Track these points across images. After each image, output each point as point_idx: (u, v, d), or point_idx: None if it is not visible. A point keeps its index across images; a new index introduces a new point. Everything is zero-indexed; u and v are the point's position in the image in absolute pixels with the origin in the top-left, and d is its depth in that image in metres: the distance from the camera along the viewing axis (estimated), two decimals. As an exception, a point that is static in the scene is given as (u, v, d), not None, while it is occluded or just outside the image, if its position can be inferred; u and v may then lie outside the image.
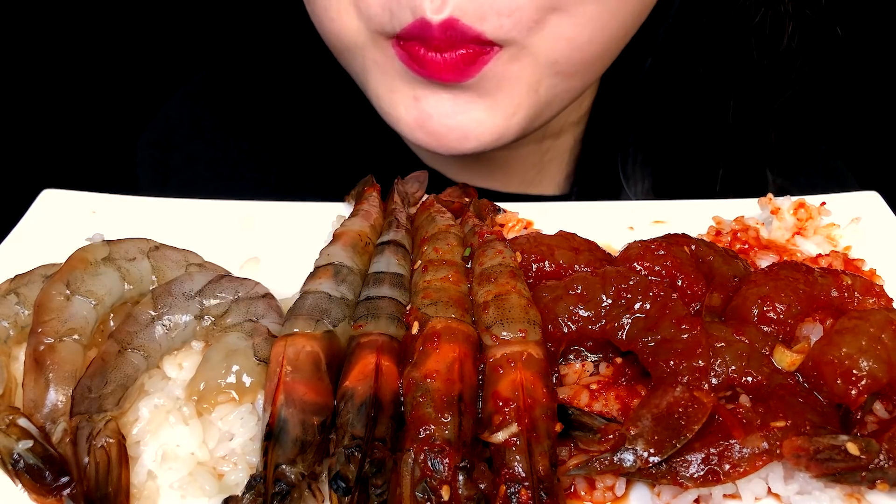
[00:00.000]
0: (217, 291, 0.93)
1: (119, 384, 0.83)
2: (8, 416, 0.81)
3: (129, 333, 0.88)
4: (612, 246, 1.04)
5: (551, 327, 0.87)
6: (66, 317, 0.88)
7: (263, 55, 1.59)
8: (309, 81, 1.58)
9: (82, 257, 0.93)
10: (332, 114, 1.57)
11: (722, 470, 0.75)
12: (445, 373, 0.78)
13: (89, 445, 0.78)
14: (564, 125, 1.38)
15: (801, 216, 1.07)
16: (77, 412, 0.80)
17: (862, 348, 0.81)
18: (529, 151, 1.40)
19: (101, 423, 0.80)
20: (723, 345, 0.83)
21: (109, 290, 0.92)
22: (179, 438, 0.82)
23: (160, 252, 0.97)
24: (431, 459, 0.72)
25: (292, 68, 1.58)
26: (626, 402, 0.85)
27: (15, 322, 0.91)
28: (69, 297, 0.89)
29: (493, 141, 1.12)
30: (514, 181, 1.43)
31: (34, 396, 0.82)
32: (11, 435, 0.79)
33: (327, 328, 0.85)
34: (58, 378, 0.83)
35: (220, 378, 0.84)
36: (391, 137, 1.47)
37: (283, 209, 1.13)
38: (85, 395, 0.81)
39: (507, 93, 1.08)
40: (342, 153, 1.54)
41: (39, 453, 0.78)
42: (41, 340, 0.85)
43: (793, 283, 0.89)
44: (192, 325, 0.91)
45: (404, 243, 1.01)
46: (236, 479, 0.80)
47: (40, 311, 0.88)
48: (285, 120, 1.59)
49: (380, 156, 1.43)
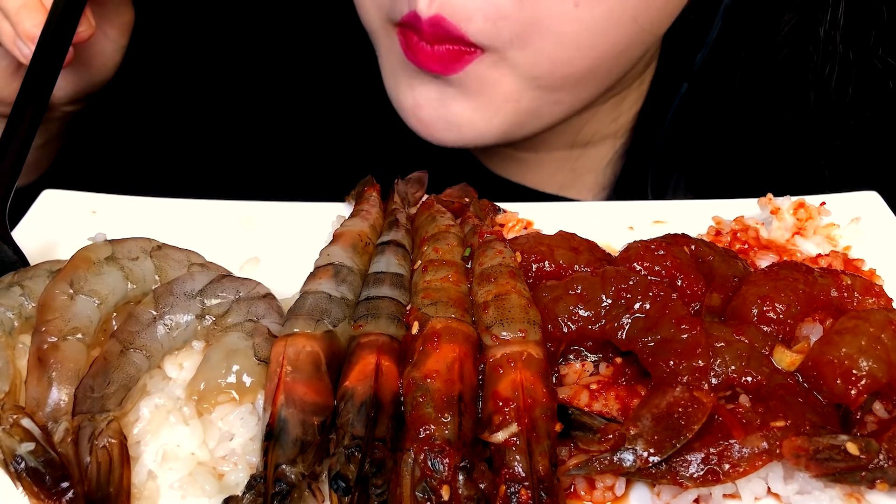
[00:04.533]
0: (218, 291, 0.92)
1: (122, 384, 0.83)
2: (12, 415, 0.81)
3: (130, 333, 0.87)
4: (612, 246, 1.04)
5: (551, 327, 0.87)
6: (70, 316, 0.87)
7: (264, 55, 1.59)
8: (309, 81, 1.58)
9: (85, 257, 0.93)
10: (332, 114, 1.57)
11: (722, 470, 0.75)
12: (445, 373, 0.78)
13: (91, 445, 0.78)
14: (596, 135, 1.38)
15: (800, 216, 1.07)
16: (79, 412, 0.80)
17: (862, 348, 0.81)
18: (559, 157, 1.42)
19: (104, 423, 0.79)
20: (723, 345, 0.83)
21: (113, 290, 0.92)
22: (180, 438, 0.82)
23: (163, 252, 0.97)
24: (431, 459, 0.72)
25: (293, 68, 1.58)
26: (626, 402, 0.85)
27: (19, 313, 0.90)
28: (73, 296, 0.89)
29: (475, 138, 1.19)
30: (546, 182, 1.45)
31: (37, 395, 0.82)
32: (14, 436, 0.79)
33: (327, 328, 0.85)
34: (61, 377, 0.83)
35: (220, 378, 0.84)
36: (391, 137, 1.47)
37: (283, 209, 1.13)
38: (87, 395, 0.81)
39: (487, 96, 1.14)
40: (342, 153, 1.54)
41: (41, 456, 0.78)
42: (45, 339, 0.85)
43: (793, 283, 0.89)
44: (193, 324, 0.90)
45: (404, 243, 1.01)
46: (236, 479, 0.80)
47: (44, 310, 0.87)
48: (285, 120, 1.59)
49: (380, 156, 1.43)
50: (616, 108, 1.35)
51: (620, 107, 1.36)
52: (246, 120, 1.59)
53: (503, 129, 1.18)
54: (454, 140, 1.19)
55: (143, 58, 1.34)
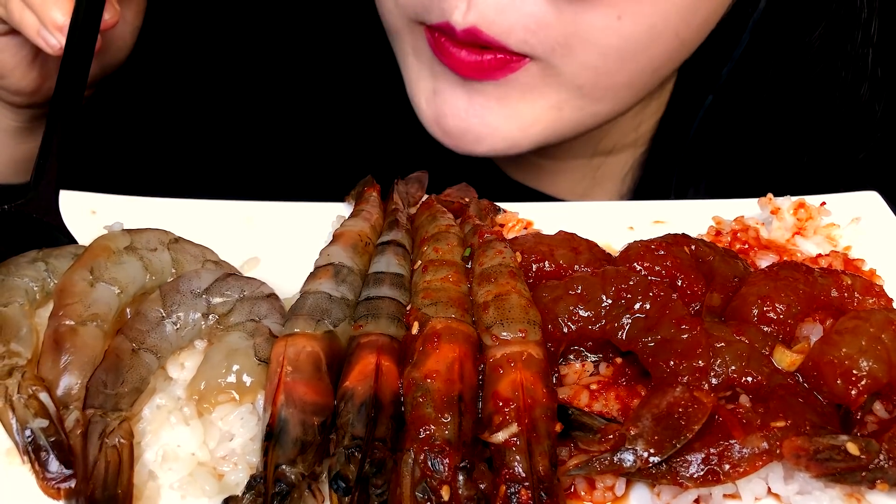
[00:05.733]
0: (223, 290, 0.92)
1: (135, 386, 0.82)
2: (32, 386, 0.79)
3: (140, 332, 0.86)
4: (612, 246, 1.04)
5: (551, 327, 0.87)
6: (90, 302, 0.86)
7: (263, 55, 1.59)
8: (309, 81, 1.58)
9: (105, 245, 0.92)
10: (332, 114, 1.57)
11: (722, 470, 0.75)
12: (445, 373, 0.78)
13: (101, 443, 0.76)
14: (617, 144, 1.38)
15: (801, 216, 1.07)
16: (91, 405, 0.78)
17: (862, 348, 0.81)
18: (579, 164, 1.41)
19: (116, 422, 0.78)
20: (723, 345, 0.83)
21: (133, 279, 0.91)
22: (180, 439, 0.82)
23: (179, 245, 0.97)
24: (431, 459, 0.72)
25: (293, 68, 1.58)
26: (626, 402, 0.85)
27: (42, 287, 0.90)
28: (93, 283, 0.88)
29: (506, 148, 1.14)
30: (564, 190, 1.44)
31: (51, 377, 0.81)
32: (30, 408, 0.78)
33: (328, 328, 0.85)
34: (76, 362, 0.81)
35: (220, 377, 0.84)
36: (391, 138, 1.47)
37: (283, 209, 1.13)
38: (100, 390, 0.80)
39: (530, 105, 1.10)
40: (342, 153, 1.54)
41: (52, 436, 0.77)
42: (62, 322, 0.84)
43: (793, 283, 0.89)
44: (199, 323, 0.90)
45: (404, 243, 1.01)
46: (236, 480, 0.80)
47: (63, 295, 0.86)
48: (286, 120, 1.59)
49: (380, 156, 1.43)
50: (638, 117, 1.34)
51: (642, 115, 1.35)
52: (246, 120, 1.59)
53: (540, 138, 1.14)
54: (484, 151, 1.15)
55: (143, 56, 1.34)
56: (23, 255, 0.95)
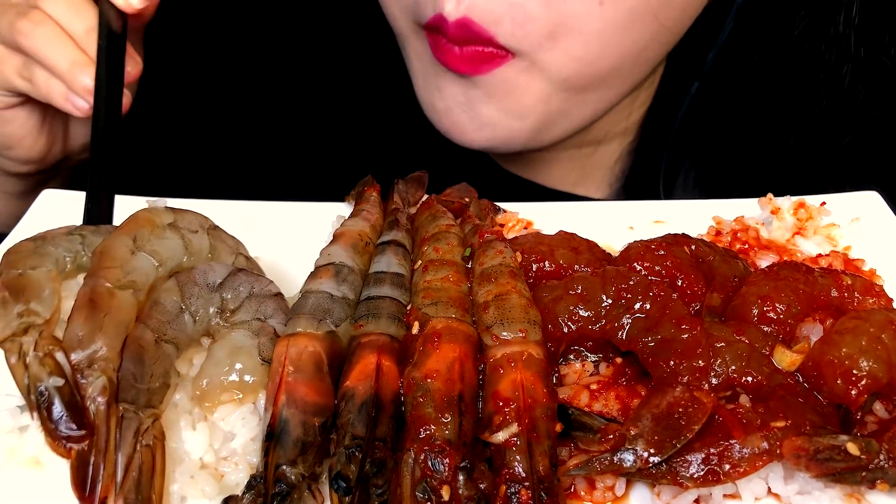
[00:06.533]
0: (235, 285, 0.91)
1: (163, 381, 0.81)
2: (48, 345, 0.78)
3: (161, 322, 0.85)
4: (612, 246, 1.04)
5: (551, 327, 0.87)
6: (130, 269, 0.86)
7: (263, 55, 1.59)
8: (310, 81, 1.58)
9: (149, 218, 0.92)
10: (332, 114, 1.57)
11: (722, 470, 0.75)
12: (446, 373, 0.78)
13: (135, 441, 0.75)
14: (608, 133, 1.40)
15: (801, 216, 1.07)
16: (124, 399, 0.77)
17: (862, 348, 0.81)
18: (569, 155, 1.42)
19: (149, 420, 0.77)
20: (723, 345, 0.83)
21: (172, 256, 0.90)
22: (189, 443, 0.81)
23: (217, 233, 0.97)
24: (432, 459, 0.72)
25: (293, 68, 1.58)
26: (626, 402, 0.85)
27: (74, 259, 0.90)
28: (134, 251, 0.87)
29: (507, 139, 1.20)
30: (556, 180, 1.46)
31: (82, 334, 0.79)
32: (45, 366, 0.77)
33: (330, 328, 0.85)
34: (110, 324, 0.80)
35: (223, 375, 0.83)
36: (391, 138, 1.47)
37: (283, 209, 1.13)
38: (131, 384, 0.78)
39: (517, 100, 1.15)
40: (342, 153, 1.54)
41: (66, 396, 0.75)
42: (101, 283, 0.82)
43: (793, 283, 0.89)
44: (213, 318, 0.89)
45: (405, 243, 1.01)
46: (236, 480, 0.79)
47: (103, 258, 0.85)
48: (286, 120, 1.59)
49: (380, 156, 1.43)
50: (628, 106, 1.36)
51: (632, 105, 1.37)
52: (246, 120, 1.59)
53: (534, 131, 1.19)
54: (486, 141, 1.20)
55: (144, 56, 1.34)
56: (61, 227, 0.95)
